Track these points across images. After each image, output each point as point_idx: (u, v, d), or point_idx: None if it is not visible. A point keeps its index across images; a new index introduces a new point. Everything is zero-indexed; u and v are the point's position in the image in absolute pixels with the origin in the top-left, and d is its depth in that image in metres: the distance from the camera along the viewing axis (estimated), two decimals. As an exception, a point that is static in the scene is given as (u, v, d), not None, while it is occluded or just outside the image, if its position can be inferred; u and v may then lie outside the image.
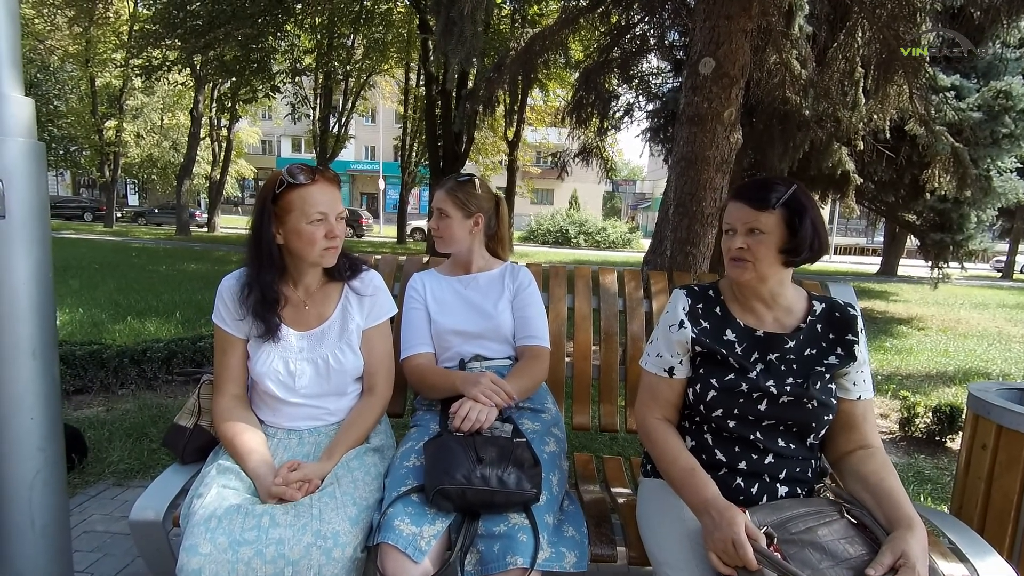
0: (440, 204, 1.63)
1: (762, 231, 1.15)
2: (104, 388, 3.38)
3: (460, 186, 1.65)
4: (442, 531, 1.16)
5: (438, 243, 1.66)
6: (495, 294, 1.64)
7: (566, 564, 1.16)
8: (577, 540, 1.22)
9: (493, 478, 1.18)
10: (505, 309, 1.62)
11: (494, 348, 1.60)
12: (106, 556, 1.89)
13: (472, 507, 1.18)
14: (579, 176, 13.57)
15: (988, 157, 6.83)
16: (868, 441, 1.20)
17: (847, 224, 35.28)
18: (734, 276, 1.21)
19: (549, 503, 1.24)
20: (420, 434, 1.43)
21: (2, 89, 1.34)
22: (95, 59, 17.79)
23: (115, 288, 7.10)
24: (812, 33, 4.61)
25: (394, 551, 1.10)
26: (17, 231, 1.36)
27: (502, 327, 1.60)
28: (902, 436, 3.30)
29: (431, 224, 1.67)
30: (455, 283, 1.67)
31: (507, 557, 1.11)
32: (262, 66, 11.86)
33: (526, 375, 1.52)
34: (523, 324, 1.61)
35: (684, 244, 3.62)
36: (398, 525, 1.13)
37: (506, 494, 1.17)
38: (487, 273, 1.68)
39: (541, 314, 1.63)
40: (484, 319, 1.60)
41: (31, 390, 1.41)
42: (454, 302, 1.63)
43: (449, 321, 1.60)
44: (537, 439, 1.41)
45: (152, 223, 25.75)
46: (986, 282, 16.73)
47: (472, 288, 1.65)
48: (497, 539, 1.15)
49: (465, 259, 1.69)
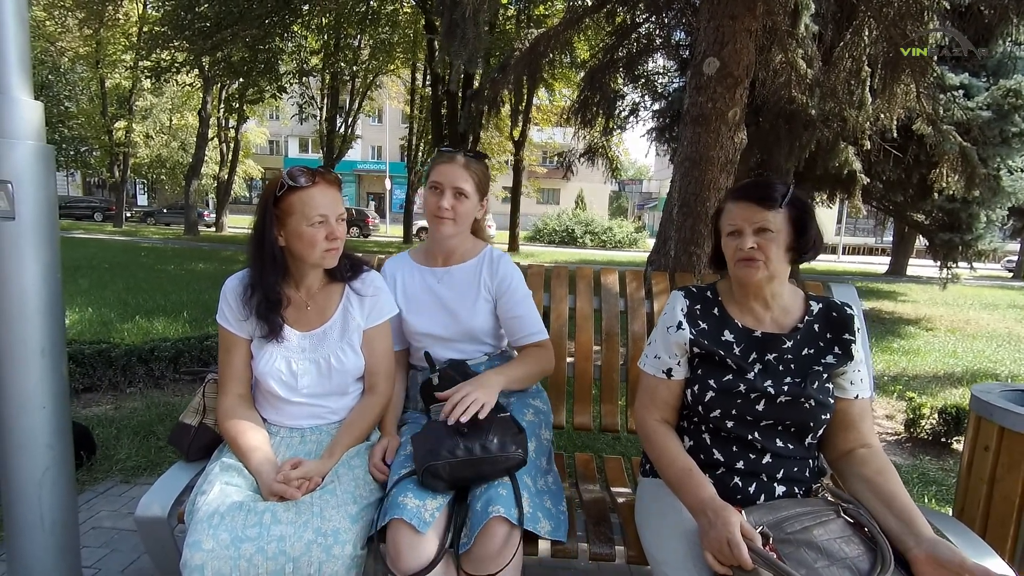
0: (459, 182, 1.42)
1: (771, 230, 1.15)
2: (112, 386, 3.42)
3: (477, 162, 1.46)
4: (443, 505, 1.19)
5: (445, 227, 1.44)
6: (470, 293, 1.51)
7: (540, 529, 1.19)
8: (554, 513, 1.26)
9: (476, 447, 1.20)
10: (481, 310, 1.50)
11: (468, 349, 1.53)
12: (113, 552, 1.92)
13: (462, 480, 1.21)
14: (585, 176, 13.57)
15: (998, 156, 6.76)
16: (867, 440, 1.20)
17: (855, 224, 35.00)
18: (744, 277, 1.19)
19: (527, 467, 1.27)
20: (411, 428, 1.46)
21: (12, 93, 1.36)
22: (105, 61, 17.98)
23: (124, 288, 7.17)
24: (818, 32, 4.60)
25: (402, 524, 1.13)
26: (27, 232, 1.39)
27: (475, 330, 1.51)
28: (907, 437, 3.28)
29: (441, 204, 1.42)
30: (428, 276, 1.54)
31: (489, 508, 1.14)
32: (269, 67, 11.93)
33: (531, 362, 1.46)
34: (519, 325, 1.49)
35: (688, 244, 3.62)
36: (403, 500, 1.16)
37: (492, 460, 1.19)
38: (463, 266, 1.53)
39: (532, 308, 1.51)
40: (455, 323, 1.50)
41: (40, 388, 1.44)
42: (425, 300, 1.52)
43: (419, 323, 1.51)
44: (515, 410, 1.42)
45: (161, 223, 25.96)
46: (997, 282, 16.55)
47: (446, 284, 1.52)
48: (479, 499, 1.18)
49: (448, 247, 1.53)
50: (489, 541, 1.12)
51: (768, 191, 1.16)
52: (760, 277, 1.17)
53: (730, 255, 1.21)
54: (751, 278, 1.18)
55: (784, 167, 6.36)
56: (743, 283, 1.22)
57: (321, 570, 1.11)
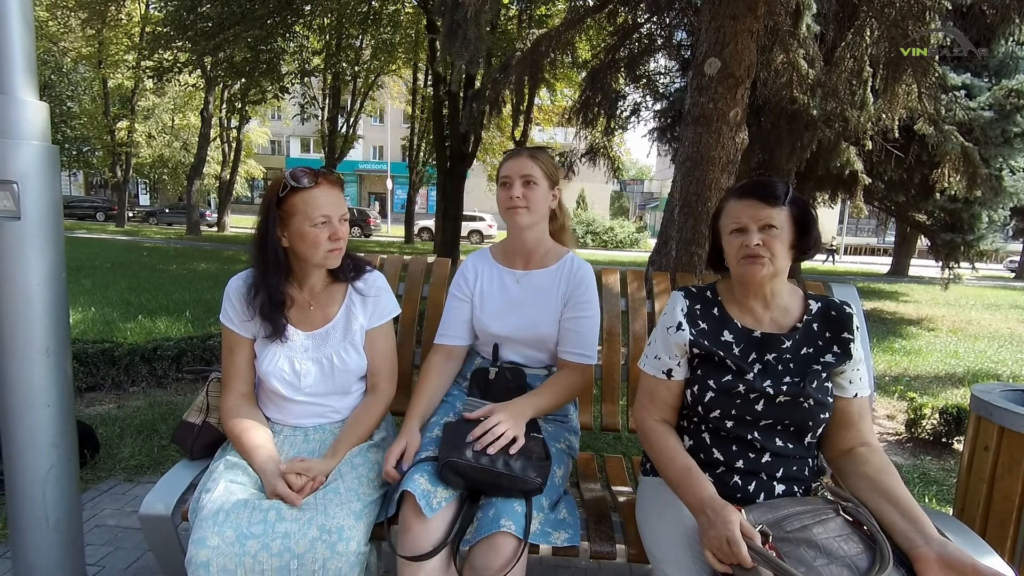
0: (527, 170, 1.42)
1: (776, 226, 1.16)
2: (116, 385, 3.44)
3: (542, 152, 1.47)
4: (452, 497, 1.21)
5: (518, 216, 1.43)
6: (547, 301, 1.48)
7: (555, 540, 1.21)
8: (570, 522, 1.26)
9: (500, 462, 1.21)
10: (555, 319, 1.48)
11: (533, 357, 1.52)
12: (117, 549, 1.93)
13: (478, 486, 1.22)
14: (586, 176, 13.55)
15: (1000, 156, 6.76)
16: (866, 439, 1.20)
17: (857, 224, 34.95)
18: (749, 275, 1.19)
19: (548, 491, 1.28)
20: (446, 409, 1.48)
21: (17, 94, 1.37)
22: (107, 61, 18.01)
23: (127, 287, 7.20)
24: (820, 32, 4.60)
25: (412, 500, 1.16)
26: (32, 232, 1.40)
27: (546, 339, 1.49)
28: (908, 437, 3.28)
29: (512, 193, 1.41)
30: (507, 276, 1.53)
31: (500, 520, 1.15)
32: (271, 67, 11.94)
33: (563, 391, 1.41)
34: (573, 338, 1.45)
35: (689, 244, 3.63)
36: (418, 479, 1.19)
37: (510, 478, 1.20)
38: (543, 271, 1.51)
39: (592, 328, 1.47)
40: (528, 328, 1.48)
41: (44, 387, 1.45)
42: (500, 301, 1.51)
43: (492, 323, 1.50)
44: (549, 437, 1.43)
45: (163, 223, 26.03)
46: (999, 282, 16.52)
47: (525, 286, 1.51)
48: (492, 507, 1.20)
49: (529, 245, 1.51)
50: (493, 554, 1.13)
51: (771, 189, 1.18)
52: (765, 274, 1.18)
53: (733, 253, 1.20)
54: (756, 275, 1.18)
55: (786, 167, 6.36)
56: (746, 281, 1.22)
57: (325, 567, 1.12)
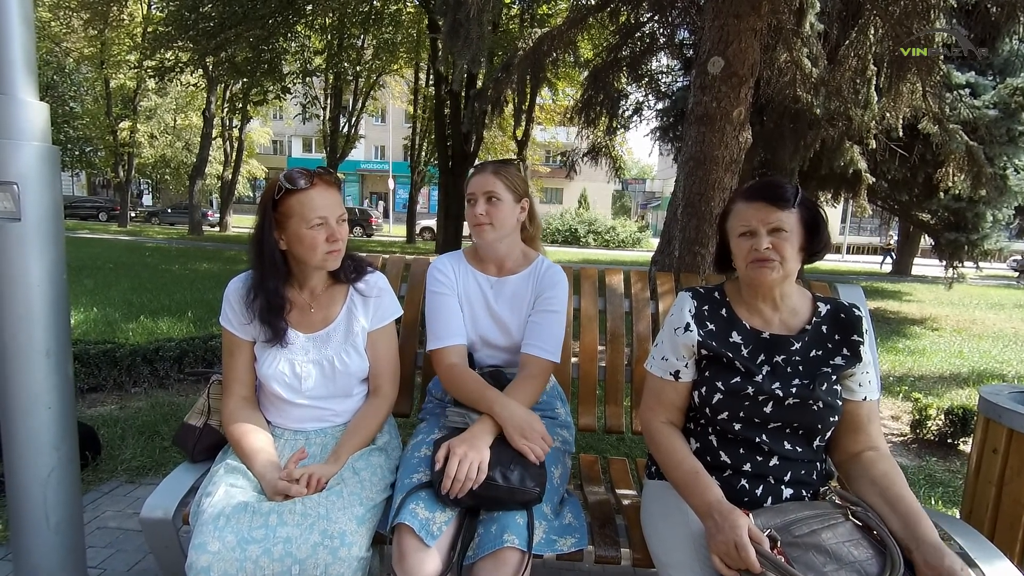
0: (489, 187, 1.44)
1: (786, 230, 1.14)
2: (117, 386, 3.43)
3: (505, 167, 1.48)
4: (452, 519, 1.19)
5: (484, 233, 1.45)
6: (521, 305, 1.51)
7: (560, 547, 1.20)
8: (576, 526, 1.25)
9: (497, 474, 1.20)
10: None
11: (511, 360, 1.54)
12: (118, 552, 1.92)
13: (478, 501, 1.20)
14: (588, 175, 13.54)
15: (1004, 155, 6.72)
16: (874, 443, 1.19)
17: (860, 223, 34.85)
18: (758, 278, 1.17)
19: (548, 495, 1.26)
20: (430, 426, 1.46)
21: (18, 94, 1.36)
22: (109, 61, 18.03)
23: (128, 288, 7.20)
24: (823, 31, 4.57)
25: (409, 532, 1.14)
26: (32, 233, 1.39)
27: (520, 344, 1.50)
28: (913, 438, 3.26)
29: (476, 212, 1.44)
30: (483, 282, 1.53)
31: (504, 535, 1.13)
32: (273, 67, 11.96)
33: (523, 395, 1.36)
34: (536, 331, 1.45)
35: (692, 244, 3.60)
36: (414, 508, 1.17)
37: (509, 490, 1.19)
38: (514, 278, 1.52)
39: (557, 326, 1.47)
40: (504, 335, 1.51)
41: (46, 388, 1.44)
42: (478, 305, 1.52)
43: (471, 327, 1.52)
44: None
45: (165, 223, 26.07)
46: (1003, 282, 16.46)
47: (498, 294, 1.52)
48: (494, 522, 1.18)
49: (501, 255, 1.52)
50: (500, 570, 1.12)
51: (780, 191, 1.16)
52: (775, 277, 1.16)
53: (743, 256, 1.19)
54: (765, 278, 1.16)
55: (789, 166, 6.33)
56: (755, 284, 1.21)
57: (327, 572, 1.10)
